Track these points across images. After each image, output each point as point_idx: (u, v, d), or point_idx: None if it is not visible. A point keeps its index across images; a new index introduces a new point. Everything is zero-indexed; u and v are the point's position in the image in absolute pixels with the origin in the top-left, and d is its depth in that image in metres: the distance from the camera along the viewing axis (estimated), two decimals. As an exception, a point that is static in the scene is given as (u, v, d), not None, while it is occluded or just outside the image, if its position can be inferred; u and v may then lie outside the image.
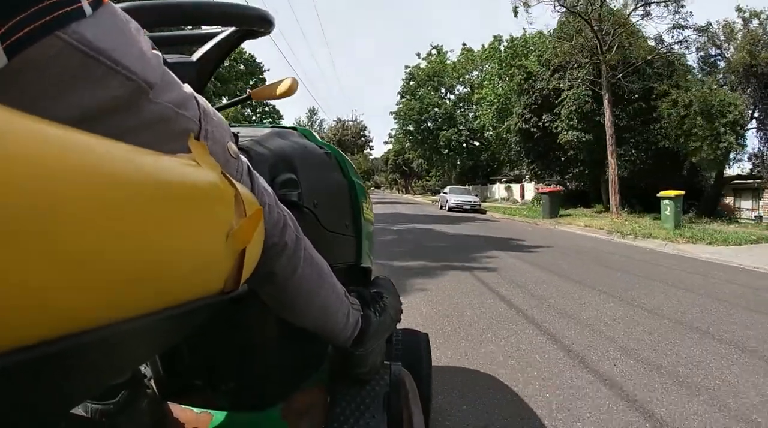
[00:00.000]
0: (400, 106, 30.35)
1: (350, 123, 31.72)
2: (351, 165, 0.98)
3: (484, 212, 16.65)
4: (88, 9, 0.30)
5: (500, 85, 25.07)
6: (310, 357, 0.85)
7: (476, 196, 19.41)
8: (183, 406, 0.76)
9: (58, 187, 0.19)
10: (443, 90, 30.29)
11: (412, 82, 30.54)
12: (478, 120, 25.93)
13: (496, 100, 25.04)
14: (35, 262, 0.18)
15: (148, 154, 0.28)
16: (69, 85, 0.30)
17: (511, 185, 25.85)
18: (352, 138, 30.52)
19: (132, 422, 0.63)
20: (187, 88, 0.42)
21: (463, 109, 29.57)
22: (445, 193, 18.82)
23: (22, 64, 0.27)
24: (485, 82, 25.80)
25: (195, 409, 0.76)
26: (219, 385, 0.76)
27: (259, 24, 0.72)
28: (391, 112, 30.60)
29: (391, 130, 34.65)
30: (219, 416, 0.75)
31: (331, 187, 0.86)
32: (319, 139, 0.93)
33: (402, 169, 59.68)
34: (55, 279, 0.19)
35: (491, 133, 25.52)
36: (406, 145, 33.06)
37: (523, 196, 24.46)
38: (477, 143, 30.16)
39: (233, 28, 0.74)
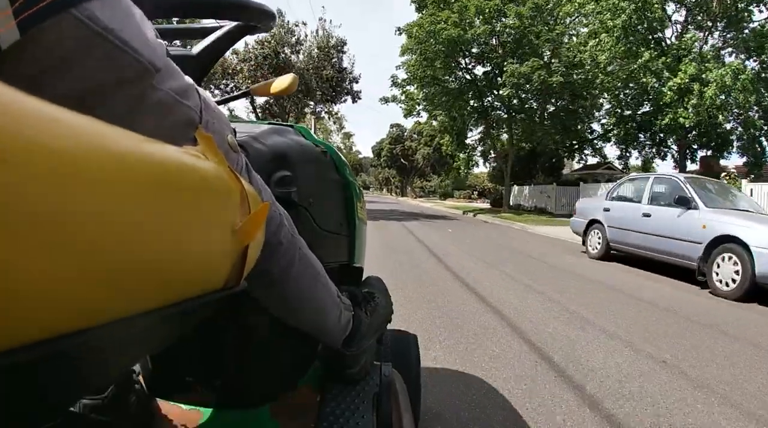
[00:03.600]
0: (413, 26, 15.25)
1: (309, 35, 15.37)
2: (346, 163, 0.97)
3: None
4: None
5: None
6: (301, 357, 0.84)
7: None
8: (172, 403, 0.75)
9: (64, 175, 0.18)
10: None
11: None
12: (595, 43, 12.22)
13: (625, 5, 11.75)
14: (37, 255, 0.17)
15: (157, 144, 0.27)
16: (78, 61, 0.30)
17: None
18: (315, 66, 14.12)
19: (121, 418, 0.63)
20: (189, 78, 0.42)
21: (539, 29, 14.78)
22: (696, 208, 4.33)
23: (34, 38, 0.27)
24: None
25: (184, 406, 0.75)
26: (209, 382, 0.75)
27: (259, 18, 0.71)
28: (398, 29, 15.48)
29: (397, 67, 18.07)
30: (208, 413, 0.74)
31: (327, 185, 0.86)
32: (316, 138, 0.91)
33: (400, 162, 45.73)
34: (56, 274, 0.18)
35: (614, 76, 11.98)
36: (422, 106, 18.23)
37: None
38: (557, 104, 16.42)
39: (233, 23, 0.75)
